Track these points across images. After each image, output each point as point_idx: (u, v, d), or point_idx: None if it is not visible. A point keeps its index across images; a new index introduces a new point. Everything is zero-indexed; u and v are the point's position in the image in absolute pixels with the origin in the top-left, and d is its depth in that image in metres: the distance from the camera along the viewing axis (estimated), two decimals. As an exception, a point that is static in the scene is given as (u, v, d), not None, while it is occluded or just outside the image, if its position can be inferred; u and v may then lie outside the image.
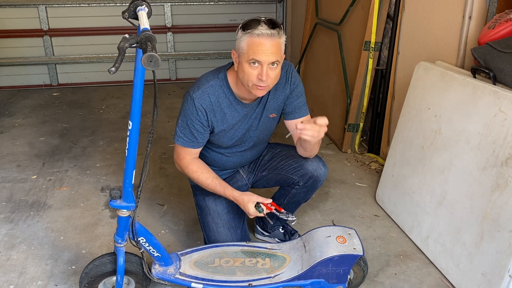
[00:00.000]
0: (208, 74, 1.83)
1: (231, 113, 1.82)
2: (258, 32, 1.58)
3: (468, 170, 1.93)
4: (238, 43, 1.65)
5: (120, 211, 1.59)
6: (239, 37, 1.64)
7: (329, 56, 3.67)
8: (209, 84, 1.78)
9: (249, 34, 1.60)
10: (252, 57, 1.60)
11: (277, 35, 1.60)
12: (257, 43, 1.59)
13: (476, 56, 2.01)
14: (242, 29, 1.63)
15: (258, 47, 1.59)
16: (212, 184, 1.86)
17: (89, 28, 4.85)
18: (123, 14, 1.49)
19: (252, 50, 1.60)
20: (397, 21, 2.83)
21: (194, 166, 1.87)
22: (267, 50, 1.59)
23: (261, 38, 1.58)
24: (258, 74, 1.63)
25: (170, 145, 3.42)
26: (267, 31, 1.58)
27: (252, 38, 1.59)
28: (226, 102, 1.80)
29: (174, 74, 5.16)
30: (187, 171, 1.88)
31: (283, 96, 1.87)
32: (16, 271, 2.03)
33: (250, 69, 1.63)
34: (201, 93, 1.76)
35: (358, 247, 1.71)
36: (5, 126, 3.76)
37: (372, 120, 3.17)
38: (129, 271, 1.71)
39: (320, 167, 1.95)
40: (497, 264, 1.73)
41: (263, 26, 1.59)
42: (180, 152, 1.87)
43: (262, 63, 1.61)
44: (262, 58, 1.60)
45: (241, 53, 1.64)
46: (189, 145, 1.84)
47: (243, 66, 1.65)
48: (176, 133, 1.84)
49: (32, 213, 2.49)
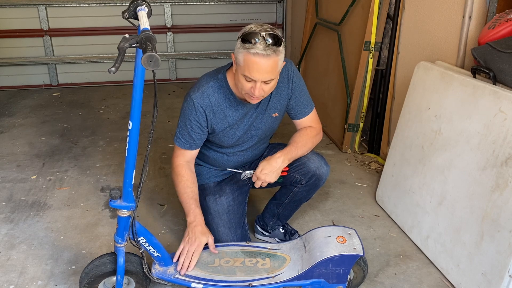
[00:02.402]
0: (208, 75, 1.84)
1: (231, 113, 1.83)
2: (254, 52, 1.55)
3: (468, 170, 1.93)
4: (236, 52, 1.63)
5: (120, 211, 1.59)
6: (238, 47, 1.61)
7: (329, 56, 3.67)
8: (209, 85, 1.79)
9: (246, 50, 1.57)
10: (246, 74, 1.60)
11: (274, 54, 1.57)
12: (253, 62, 1.57)
13: (476, 56, 2.01)
14: (241, 40, 1.60)
15: (254, 66, 1.57)
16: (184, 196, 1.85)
17: (89, 28, 4.84)
18: (123, 14, 1.49)
19: (247, 67, 1.59)
20: (397, 21, 2.83)
21: (183, 171, 1.87)
22: (261, 69, 1.58)
23: (256, 57, 1.56)
24: (251, 88, 1.63)
25: (170, 145, 3.42)
26: (263, 52, 1.55)
27: (249, 56, 1.57)
28: (226, 102, 1.80)
29: (174, 74, 5.16)
30: (175, 171, 1.89)
31: (286, 95, 1.88)
32: (16, 271, 2.03)
33: (244, 81, 1.64)
34: (201, 94, 1.77)
35: (358, 247, 1.71)
36: (5, 126, 3.76)
37: (372, 120, 3.17)
38: (129, 271, 1.71)
39: (323, 166, 1.96)
40: (497, 264, 1.73)
41: (261, 44, 1.55)
42: (177, 153, 1.90)
43: (256, 81, 1.61)
44: (256, 77, 1.59)
45: (238, 63, 1.63)
46: (186, 146, 1.86)
47: (239, 76, 1.65)
48: (176, 134, 1.87)
49: (32, 213, 2.49)
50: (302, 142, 1.92)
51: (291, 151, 1.89)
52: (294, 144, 1.91)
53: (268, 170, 1.83)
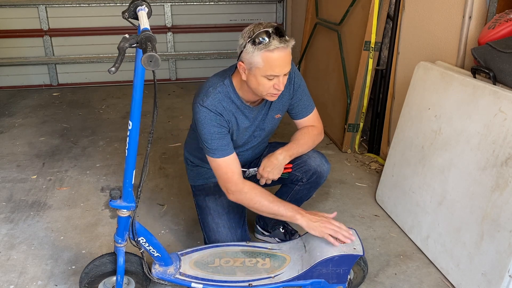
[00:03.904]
0: (213, 81, 1.79)
1: (241, 118, 1.82)
2: (273, 48, 1.56)
3: (468, 170, 1.93)
4: (250, 57, 1.60)
5: (120, 211, 1.59)
6: (250, 51, 1.58)
7: (329, 56, 3.67)
8: (217, 90, 1.75)
9: (264, 49, 1.57)
10: (270, 73, 1.60)
11: (288, 43, 1.60)
12: (274, 58, 1.58)
13: (476, 56, 2.01)
14: (252, 43, 1.58)
15: (276, 61, 1.58)
16: (275, 207, 1.73)
17: (89, 28, 4.85)
18: (123, 14, 1.49)
19: (269, 66, 1.59)
20: (397, 21, 2.83)
21: (246, 188, 1.74)
22: (283, 62, 1.60)
23: (276, 52, 1.57)
24: (275, 84, 1.64)
25: (170, 145, 3.42)
26: (281, 44, 1.57)
27: (268, 53, 1.57)
28: (234, 107, 1.79)
29: (174, 74, 5.16)
30: (240, 195, 1.74)
31: (287, 95, 1.89)
32: (16, 271, 2.03)
33: (266, 82, 1.63)
34: (212, 100, 1.73)
35: (358, 247, 1.71)
36: (5, 126, 3.76)
37: (372, 120, 3.17)
38: (129, 271, 1.71)
39: (323, 163, 1.97)
40: (497, 264, 1.73)
41: (275, 38, 1.56)
42: (225, 169, 1.74)
43: (279, 76, 1.62)
44: (279, 71, 1.61)
45: (255, 67, 1.61)
46: (227, 152, 1.75)
47: (258, 79, 1.63)
48: (209, 149, 1.73)
49: (32, 213, 2.49)
50: (303, 140, 1.93)
51: (292, 148, 1.90)
52: (296, 142, 1.92)
53: (270, 167, 1.86)
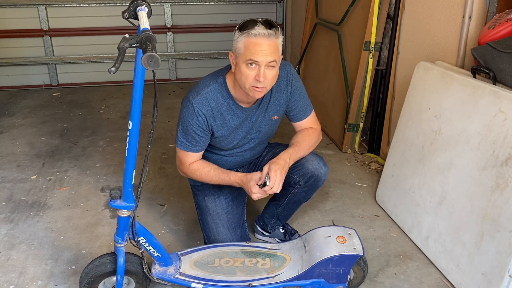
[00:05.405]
0: (207, 78, 1.82)
1: (231, 117, 1.82)
2: (255, 32, 1.59)
3: (468, 170, 1.93)
4: (235, 44, 1.66)
5: (120, 211, 1.59)
6: (236, 38, 1.65)
7: (329, 56, 3.67)
8: (208, 89, 1.77)
9: (246, 34, 1.61)
10: (249, 57, 1.61)
11: (274, 35, 1.61)
12: (254, 43, 1.60)
13: (476, 56, 2.01)
14: (239, 30, 1.64)
15: (256, 47, 1.59)
16: (215, 175, 1.85)
17: (89, 28, 4.85)
18: (123, 14, 1.49)
19: (249, 51, 1.60)
20: (397, 21, 2.83)
21: (194, 165, 1.87)
22: (264, 50, 1.60)
23: (258, 38, 1.59)
24: (256, 75, 1.63)
25: (170, 145, 3.42)
26: (264, 31, 1.59)
27: (249, 38, 1.60)
28: (226, 106, 1.80)
29: (174, 74, 5.16)
30: (189, 173, 1.89)
31: (285, 97, 1.88)
32: (16, 271, 2.03)
33: (248, 70, 1.63)
34: (201, 98, 1.76)
35: (358, 247, 1.71)
36: (5, 126, 3.76)
37: (372, 120, 3.17)
38: (129, 271, 1.71)
39: (321, 166, 1.96)
40: (497, 264, 1.73)
41: (260, 26, 1.60)
42: (182, 157, 1.87)
43: (260, 63, 1.61)
44: (259, 58, 1.60)
45: (238, 54, 1.65)
46: (191, 149, 1.84)
47: (240, 67, 1.65)
48: (178, 138, 1.84)
49: (32, 213, 2.49)
50: (304, 143, 1.91)
51: (295, 152, 1.87)
52: (298, 145, 1.89)
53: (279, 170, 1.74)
